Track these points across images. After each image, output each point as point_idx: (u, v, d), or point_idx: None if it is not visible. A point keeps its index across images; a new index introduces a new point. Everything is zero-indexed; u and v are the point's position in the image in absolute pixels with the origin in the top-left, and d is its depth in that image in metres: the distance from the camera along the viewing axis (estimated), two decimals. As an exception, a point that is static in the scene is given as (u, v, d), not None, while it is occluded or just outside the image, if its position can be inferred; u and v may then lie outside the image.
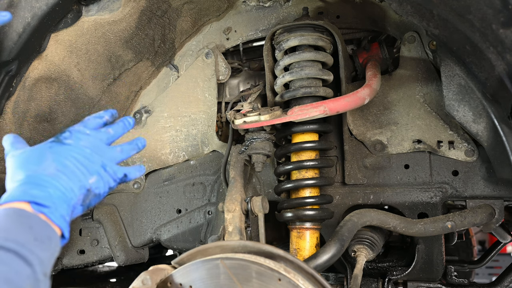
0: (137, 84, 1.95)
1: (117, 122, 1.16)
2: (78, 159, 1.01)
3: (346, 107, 1.50)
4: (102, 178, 1.04)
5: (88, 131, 1.08)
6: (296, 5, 1.82)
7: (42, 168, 0.96)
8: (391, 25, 1.69)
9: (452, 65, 1.33)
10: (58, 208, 0.92)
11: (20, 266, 0.78)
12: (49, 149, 1.00)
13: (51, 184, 0.94)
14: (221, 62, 1.90)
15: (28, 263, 0.79)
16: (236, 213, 1.42)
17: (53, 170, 0.96)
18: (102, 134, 1.10)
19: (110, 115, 1.16)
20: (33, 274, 0.79)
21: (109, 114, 1.16)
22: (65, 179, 0.97)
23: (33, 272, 0.79)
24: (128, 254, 1.98)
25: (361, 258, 1.52)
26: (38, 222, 0.87)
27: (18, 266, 0.77)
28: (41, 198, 0.91)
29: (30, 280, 0.78)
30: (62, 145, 1.02)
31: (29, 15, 1.42)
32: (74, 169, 0.99)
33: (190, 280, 1.08)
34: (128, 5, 1.56)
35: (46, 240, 0.86)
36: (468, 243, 3.34)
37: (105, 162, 1.06)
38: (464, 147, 1.58)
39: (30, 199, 0.89)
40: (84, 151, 1.03)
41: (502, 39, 1.13)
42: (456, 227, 1.48)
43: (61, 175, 0.97)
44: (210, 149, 1.90)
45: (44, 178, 0.94)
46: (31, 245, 0.82)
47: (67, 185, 0.97)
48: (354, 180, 1.70)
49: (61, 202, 0.94)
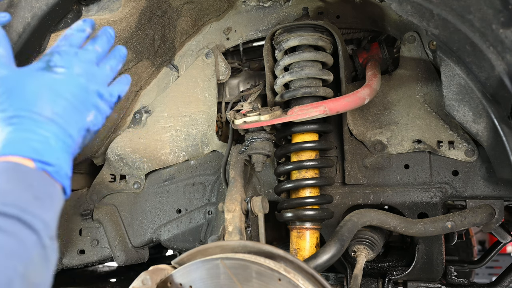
0: (137, 84, 1.95)
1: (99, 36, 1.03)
2: (75, 94, 0.90)
3: (346, 107, 1.50)
4: (99, 111, 0.94)
5: (75, 49, 0.95)
6: (296, 5, 1.82)
7: (38, 108, 0.85)
8: (391, 25, 1.69)
9: (452, 65, 1.33)
10: (62, 165, 0.84)
11: (24, 233, 0.70)
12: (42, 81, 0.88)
13: (51, 133, 0.84)
14: (221, 62, 1.90)
15: (32, 228, 0.71)
16: (236, 213, 1.42)
17: (50, 114, 0.85)
18: (91, 53, 0.98)
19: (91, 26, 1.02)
20: (39, 240, 0.72)
21: (89, 24, 1.02)
22: (63, 124, 0.86)
23: (38, 238, 0.72)
24: (128, 254, 1.98)
25: (361, 258, 1.52)
26: (38, 179, 0.79)
27: (21, 234, 0.69)
28: (44, 153, 0.81)
29: (36, 248, 0.71)
30: (55, 76, 0.90)
31: (29, 15, 1.42)
32: (71, 109, 0.89)
33: (190, 280, 1.08)
34: (128, 5, 1.56)
35: (48, 198, 0.78)
36: (468, 243, 3.34)
37: (101, 89, 0.95)
38: (464, 147, 1.58)
39: (33, 156, 0.80)
40: (80, 81, 0.92)
41: (502, 39, 1.13)
42: (456, 227, 1.48)
43: (59, 120, 0.86)
44: (210, 149, 1.90)
45: (42, 125, 0.84)
46: (33, 207, 0.74)
47: (67, 132, 0.87)
48: (354, 180, 1.70)
49: (64, 155, 0.85)
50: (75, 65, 0.93)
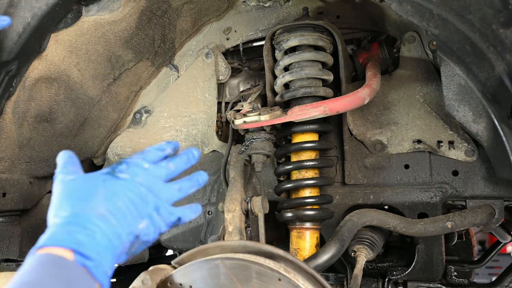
0: (137, 84, 1.95)
1: (180, 155, 1.04)
2: (131, 199, 0.90)
3: (346, 107, 1.50)
4: (153, 222, 0.93)
5: (146, 164, 0.97)
6: (296, 5, 1.82)
7: (91, 205, 0.86)
8: (391, 25, 1.69)
9: (452, 65, 1.33)
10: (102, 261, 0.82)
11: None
12: (102, 182, 0.90)
13: (99, 228, 0.83)
14: (221, 62, 1.90)
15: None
16: (236, 213, 1.42)
17: (103, 210, 0.86)
18: (161, 169, 0.98)
19: (173, 148, 1.05)
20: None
21: (171, 146, 1.04)
22: (114, 222, 0.86)
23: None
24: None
25: (361, 258, 1.52)
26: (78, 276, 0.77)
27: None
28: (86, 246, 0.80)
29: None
30: (116, 180, 0.92)
31: (29, 15, 1.42)
32: (125, 211, 0.89)
33: (190, 280, 1.08)
34: (128, 5, 1.56)
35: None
36: (468, 243, 3.34)
37: (159, 204, 0.95)
38: (464, 147, 1.58)
39: (74, 247, 0.79)
40: (139, 189, 0.92)
41: (502, 39, 1.13)
42: (456, 227, 1.48)
43: (111, 217, 0.86)
44: (210, 149, 1.90)
45: (92, 219, 0.84)
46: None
47: (115, 231, 0.86)
48: (354, 180, 1.70)
49: (107, 253, 0.83)
50: (140, 175, 0.94)
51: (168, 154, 1.04)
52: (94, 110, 1.86)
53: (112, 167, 0.95)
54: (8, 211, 1.83)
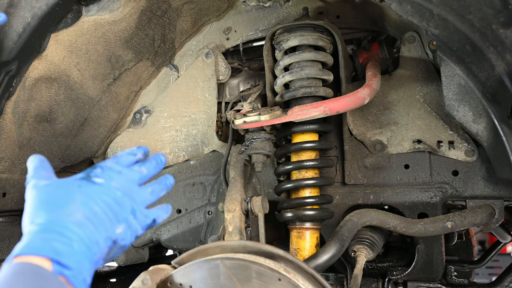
0: (137, 84, 1.95)
1: (150, 160, 1.06)
2: (108, 203, 0.90)
3: (346, 107, 1.50)
4: (130, 226, 0.93)
5: (120, 168, 0.98)
6: (296, 5, 1.82)
7: (67, 212, 0.84)
8: (391, 25, 1.69)
9: (452, 65, 1.33)
10: (81, 269, 0.81)
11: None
12: (77, 188, 0.89)
13: (76, 235, 0.82)
14: (221, 62, 1.90)
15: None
16: (236, 213, 1.42)
17: (80, 216, 0.84)
18: (134, 173, 0.99)
19: (143, 153, 1.06)
20: None
21: (142, 151, 1.06)
22: (91, 228, 0.85)
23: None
24: (128, 254, 1.98)
25: (361, 258, 1.52)
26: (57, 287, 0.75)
27: None
28: (64, 255, 0.78)
29: None
30: (92, 185, 0.91)
31: (29, 15, 1.42)
32: (102, 216, 0.87)
33: (190, 280, 1.08)
34: (128, 5, 1.56)
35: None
36: (468, 243, 3.35)
37: (135, 207, 0.95)
38: (464, 147, 1.58)
39: (52, 256, 0.77)
40: (115, 193, 0.92)
41: (502, 39, 1.13)
42: (456, 227, 1.48)
43: (88, 223, 0.85)
44: (210, 149, 1.90)
45: (69, 226, 0.82)
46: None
47: (93, 237, 0.84)
48: (354, 180, 1.70)
49: (85, 261, 0.82)
50: (115, 179, 0.94)
51: (139, 159, 1.05)
52: (94, 110, 1.86)
53: (87, 171, 0.94)
54: (8, 211, 1.83)
